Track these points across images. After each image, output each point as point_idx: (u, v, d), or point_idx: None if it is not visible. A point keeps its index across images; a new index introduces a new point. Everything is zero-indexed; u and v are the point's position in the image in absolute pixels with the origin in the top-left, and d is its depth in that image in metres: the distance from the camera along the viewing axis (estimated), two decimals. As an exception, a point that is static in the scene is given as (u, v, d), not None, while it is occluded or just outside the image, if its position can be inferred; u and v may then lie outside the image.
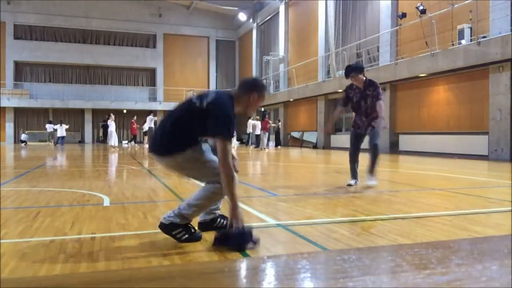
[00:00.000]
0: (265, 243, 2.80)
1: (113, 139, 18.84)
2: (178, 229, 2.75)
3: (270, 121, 21.35)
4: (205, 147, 2.90)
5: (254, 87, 2.90)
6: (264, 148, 19.10)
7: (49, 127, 25.35)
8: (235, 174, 2.72)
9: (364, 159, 5.88)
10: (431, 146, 14.29)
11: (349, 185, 5.71)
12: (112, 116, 19.22)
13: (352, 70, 5.67)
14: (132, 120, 23.26)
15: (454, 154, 13.01)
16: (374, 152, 5.70)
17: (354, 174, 5.81)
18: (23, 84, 30.28)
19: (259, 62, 29.90)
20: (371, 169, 5.69)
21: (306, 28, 23.38)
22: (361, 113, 5.77)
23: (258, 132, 20.16)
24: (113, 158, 13.47)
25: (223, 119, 2.68)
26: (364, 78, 5.67)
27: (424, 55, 13.35)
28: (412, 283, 1.10)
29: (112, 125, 19.02)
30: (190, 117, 2.77)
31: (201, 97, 2.81)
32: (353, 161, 5.84)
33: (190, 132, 2.77)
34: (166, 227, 2.77)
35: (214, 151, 2.89)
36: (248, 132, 22.13)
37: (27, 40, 30.33)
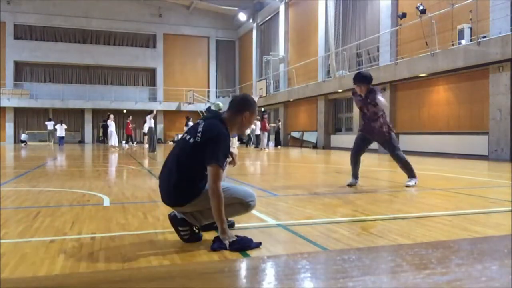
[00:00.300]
0: (265, 243, 2.80)
1: (113, 139, 18.87)
2: (186, 226, 2.76)
3: (268, 123, 21.26)
4: None
5: (245, 107, 2.89)
6: (264, 148, 19.11)
7: (50, 125, 25.30)
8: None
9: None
10: (431, 146, 14.28)
11: (349, 185, 5.72)
12: (112, 116, 19.23)
13: (360, 80, 5.68)
14: (128, 120, 23.04)
15: (454, 154, 13.00)
16: (399, 161, 5.79)
17: (354, 174, 5.82)
18: (23, 84, 30.28)
19: (259, 62, 29.89)
20: (408, 174, 5.77)
21: (306, 28, 23.38)
22: (366, 118, 5.84)
23: (258, 132, 20.19)
24: (113, 158, 13.47)
25: (219, 147, 2.68)
26: (368, 88, 5.68)
27: (424, 55, 13.35)
28: (412, 283, 1.10)
29: (112, 125, 19.04)
30: (188, 155, 2.74)
31: (192, 131, 2.80)
32: (354, 162, 5.85)
33: (196, 171, 2.74)
34: (177, 220, 2.76)
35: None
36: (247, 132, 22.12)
37: (27, 40, 30.32)
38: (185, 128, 20.19)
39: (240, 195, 2.79)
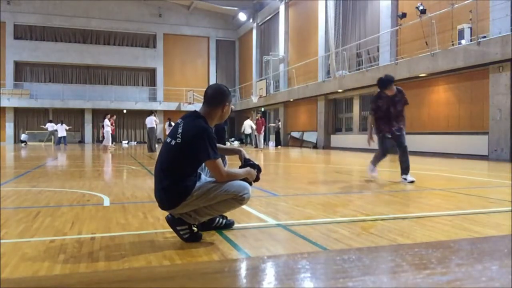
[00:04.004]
0: (265, 243, 2.80)
1: (108, 139, 18.64)
2: (184, 226, 2.76)
3: (265, 123, 21.00)
4: (203, 176, 2.91)
5: (223, 99, 2.88)
6: (261, 149, 19.15)
7: (50, 126, 25.27)
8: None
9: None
10: (431, 146, 14.28)
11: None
12: (108, 116, 18.98)
13: (389, 82, 6.15)
14: (111, 120, 22.02)
15: (454, 154, 13.01)
16: (404, 155, 6.19)
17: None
18: (23, 84, 30.27)
19: (259, 62, 29.89)
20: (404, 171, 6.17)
21: (306, 28, 23.38)
22: (387, 118, 6.20)
23: (255, 132, 20.25)
24: (113, 158, 13.46)
25: (205, 143, 2.67)
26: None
27: (424, 55, 13.35)
28: (412, 283, 1.10)
29: (108, 125, 18.75)
30: (172, 158, 2.74)
31: (172, 133, 2.79)
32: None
33: (181, 172, 2.73)
34: (174, 221, 2.77)
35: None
36: (247, 132, 22.17)
37: (27, 40, 30.32)
38: (167, 129, 20.09)
39: (233, 190, 2.76)
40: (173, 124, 20.39)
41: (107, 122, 18.67)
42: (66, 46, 30.92)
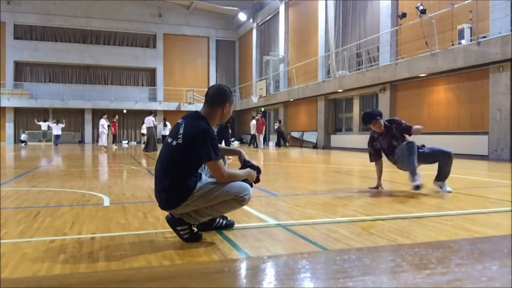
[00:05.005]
0: (265, 243, 2.80)
1: (102, 139, 18.50)
2: (184, 226, 2.76)
3: (265, 124, 20.81)
4: (204, 177, 2.91)
5: (224, 99, 2.87)
6: (261, 149, 19.13)
7: (43, 125, 25.18)
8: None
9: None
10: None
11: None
12: (105, 116, 18.88)
13: (372, 117, 5.25)
14: (114, 120, 21.29)
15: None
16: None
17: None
18: (23, 84, 30.26)
19: (259, 62, 29.89)
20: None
21: (306, 28, 23.38)
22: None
23: (255, 132, 20.21)
24: (113, 158, 13.46)
25: (206, 144, 2.66)
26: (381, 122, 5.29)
27: (424, 55, 13.34)
28: (412, 283, 1.10)
29: (104, 125, 18.62)
30: (173, 158, 2.74)
31: (173, 133, 2.79)
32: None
33: (182, 172, 2.72)
34: (174, 221, 2.77)
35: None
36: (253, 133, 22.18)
37: (27, 40, 30.31)
38: (163, 131, 20.04)
39: (234, 191, 2.76)
40: (168, 124, 20.46)
41: (102, 122, 18.56)
42: (66, 46, 30.91)
